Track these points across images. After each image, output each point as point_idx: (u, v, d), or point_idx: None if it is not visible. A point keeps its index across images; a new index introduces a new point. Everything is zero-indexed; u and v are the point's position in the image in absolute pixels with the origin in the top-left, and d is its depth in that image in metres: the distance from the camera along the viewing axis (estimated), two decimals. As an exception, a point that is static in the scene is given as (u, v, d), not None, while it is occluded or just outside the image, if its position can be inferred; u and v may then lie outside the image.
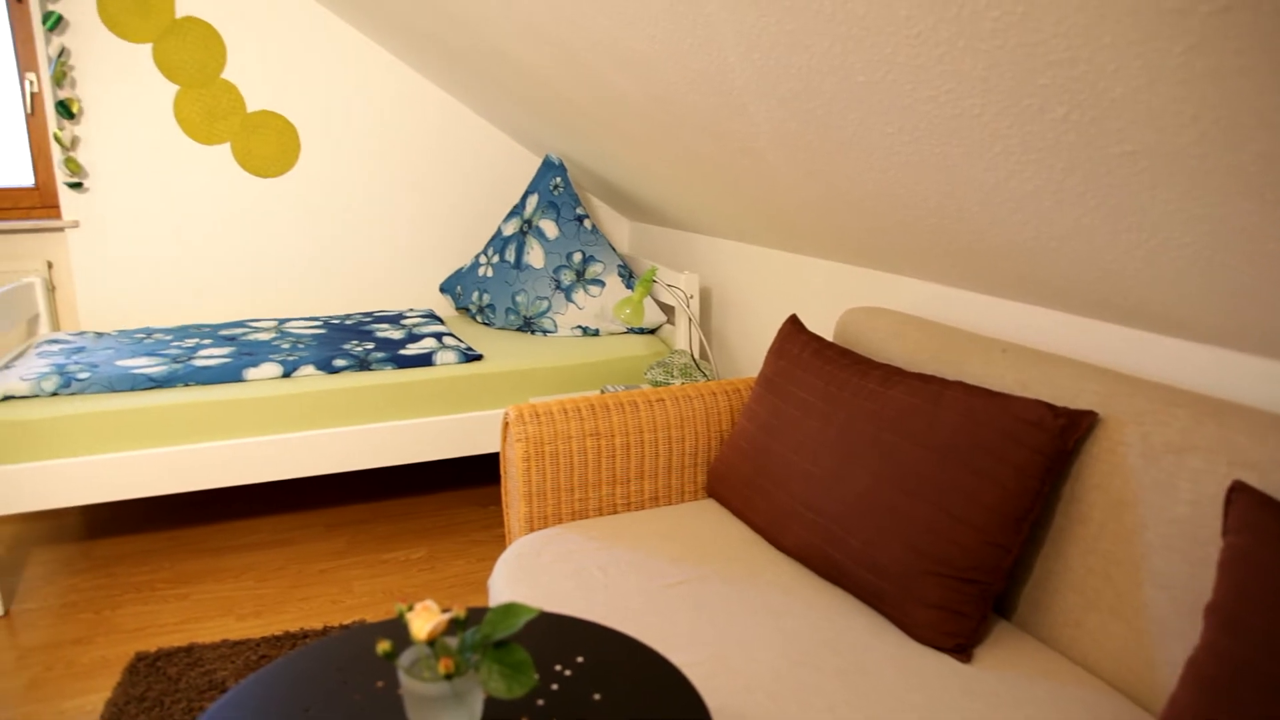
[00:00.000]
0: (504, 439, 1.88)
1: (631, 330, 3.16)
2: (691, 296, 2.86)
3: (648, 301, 3.08)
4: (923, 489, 1.37)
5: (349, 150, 3.50)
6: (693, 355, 2.78)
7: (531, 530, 1.83)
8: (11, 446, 2.32)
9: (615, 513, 1.90)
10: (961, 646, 1.31)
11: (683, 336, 2.94)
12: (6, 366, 2.63)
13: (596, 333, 3.15)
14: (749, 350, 2.79)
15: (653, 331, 3.20)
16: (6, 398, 2.39)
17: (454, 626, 0.97)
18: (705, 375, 2.66)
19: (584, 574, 1.56)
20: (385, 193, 3.58)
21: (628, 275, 3.20)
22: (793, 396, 1.71)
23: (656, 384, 2.64)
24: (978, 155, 1.29)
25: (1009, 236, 1.46)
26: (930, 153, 1.39)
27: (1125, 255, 1.25)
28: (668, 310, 3.24)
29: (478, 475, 3.36)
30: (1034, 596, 1.39)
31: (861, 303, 2.19)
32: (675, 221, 3.18)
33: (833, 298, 2.31)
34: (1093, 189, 1.16)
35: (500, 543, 2.80)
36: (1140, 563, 1.21)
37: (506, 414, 1.84)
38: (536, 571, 1.59)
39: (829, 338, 2.28)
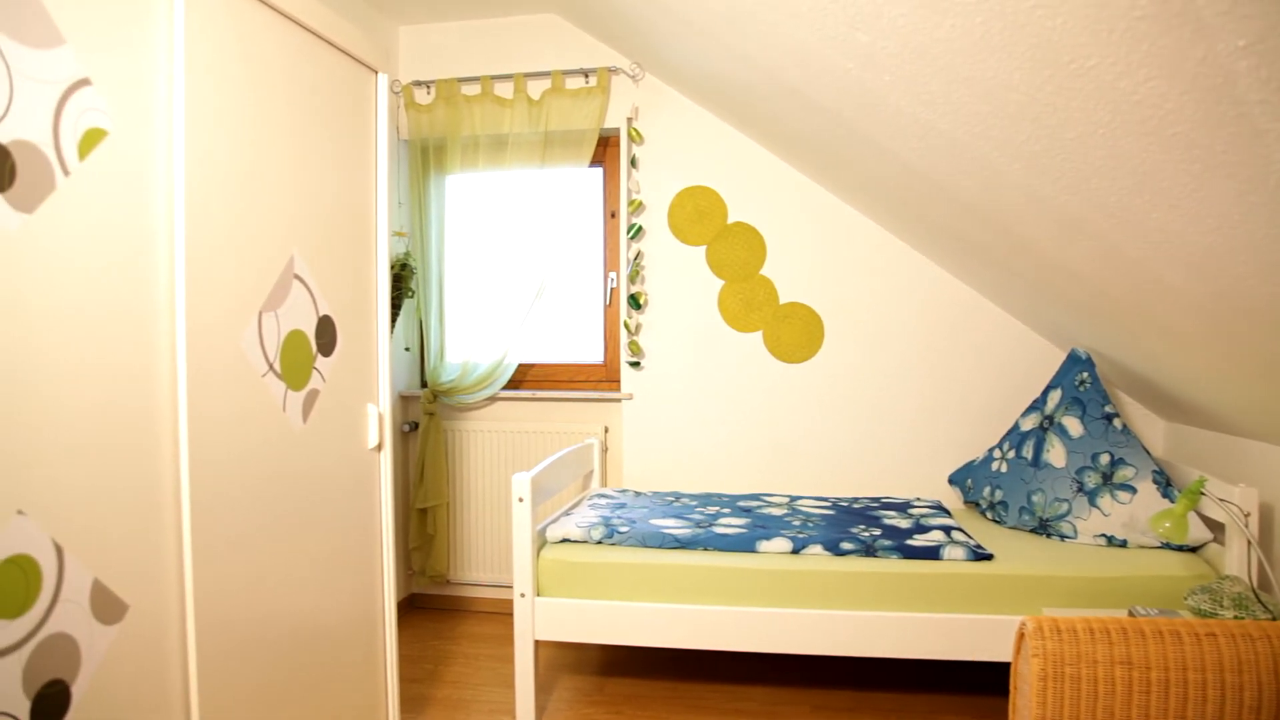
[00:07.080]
0: (1017, 651, 1.78)
1: (1168, 546, 2.79)
2: (1249, 514, 2.46)
3: (1192, 515, 2.71)
4: None
5: (867, 339, 3.73)
6: (1250, 584, 2.37)
7: (1045, 758, 1.68)
8: (562, 583, 2.79)
9: (1148, 759, 1.66)
10: None
11: (1234, 560, 2.52)
12: (566, 513, 3.20)
13: (1124, 544, 2.84)
14: (1332, 588, 2.30)
15: (1194, 550, 2.79)
16: (564, 540, 2.87)
17: None
18: (1268, 610, 2.25)
19: (1111, 824, 1.39)
20: (899, 380, 3.70)
21: (1164, 483, 2.87)
22: (1404, 659, 1.38)
23: (1200, 613, 2.29)
24: None
25: None
26: None
27: None
28: (1215, 527, 2.81)
29: (973, 682, 3.15)
30: None
31: None
32: (1225, 424, 2.80)
33: None
34: None
35: (999, 762, 2.58)
36: None
37: (1023, 624, 1.75)
38: (1053, 808, 1.45)
39: None
